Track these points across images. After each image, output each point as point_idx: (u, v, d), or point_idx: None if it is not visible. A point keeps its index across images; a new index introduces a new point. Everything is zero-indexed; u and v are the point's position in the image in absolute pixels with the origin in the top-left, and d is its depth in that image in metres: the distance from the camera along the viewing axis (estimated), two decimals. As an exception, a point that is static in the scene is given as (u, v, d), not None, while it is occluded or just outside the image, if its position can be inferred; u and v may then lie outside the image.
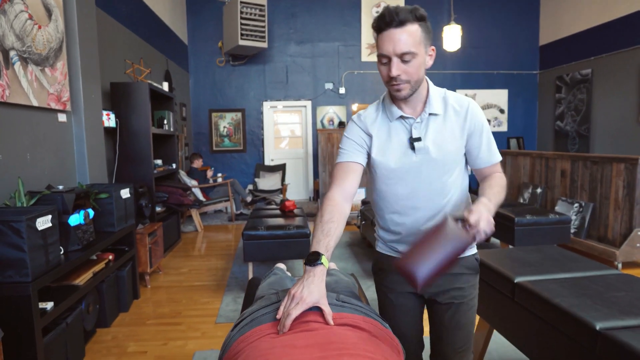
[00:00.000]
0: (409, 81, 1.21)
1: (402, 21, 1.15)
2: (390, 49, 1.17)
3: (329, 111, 7.91)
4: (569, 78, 7.17)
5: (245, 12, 6.65)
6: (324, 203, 1.27)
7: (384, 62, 1.21)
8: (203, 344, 2.58)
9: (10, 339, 1.83)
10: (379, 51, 1.21)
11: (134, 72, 4.55)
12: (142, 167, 4.12)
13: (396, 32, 1.16)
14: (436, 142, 1.28)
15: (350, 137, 1.36)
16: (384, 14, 1.16)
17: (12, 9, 2.40)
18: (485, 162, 1.35)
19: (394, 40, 1.16)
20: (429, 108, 1.29)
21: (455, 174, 1.33)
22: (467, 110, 1.31)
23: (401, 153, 1.30)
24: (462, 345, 1.40)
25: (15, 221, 1.85)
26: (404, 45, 1.16)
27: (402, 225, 1.35)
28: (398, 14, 1.15)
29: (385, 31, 1.17)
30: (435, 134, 1.29)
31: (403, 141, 1.31)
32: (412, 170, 1.30)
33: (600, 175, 4.25)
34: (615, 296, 1.49)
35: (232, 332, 1.04)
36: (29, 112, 2.59)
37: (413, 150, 1.29)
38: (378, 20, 1.19)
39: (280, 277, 1.69)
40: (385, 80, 1.24)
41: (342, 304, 1.08)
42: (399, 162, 1.30)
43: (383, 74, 1.23)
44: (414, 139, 1.29)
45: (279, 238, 3.27)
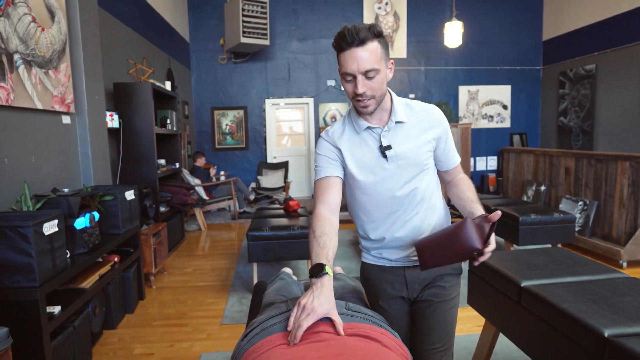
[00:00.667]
0: (374, 96, 1.26)
1: (363, 40, 1.18)
2: (354, 67, 1.21)
3: (332, 108, 7.90)
4: (573, 73, 7.13)
5: (247, 10, 6.63)
6: (313, 221, 1.31)
7: (348, 80, 1.25)
8: (209, 345, 2.59)
9: (19, 343, 1.84)
10: (342, 70, 1.24)
11: (136, 72, 4.54)
12: (145, 167, 4.12)
13: (358, 51, 1.19)
14: (406, 148, 1.35)
15: (322, 153, 1.41)
16: (345, 34, 1.19)
17: (15, 12, 2.40)
18: (451, 164, 1.47)
19: (357, 59, 1.20)
20: (394, 117, 1.34)
21: (428, 177, 1.42)
22: (434, 117, 1.39)
23: (374, 163, 1.36)
24: (440, 344, 1.43)
25: (23, 226, 1.86)
26: (367, 63, 1.20)
27: (384, 231, 1.41)
28: (358, 33, 1.18)
29: (347, 50, 1.21)
30: (404, 140, 1.35)
31: (374, 151, 1.36)
32: (387, 178, 1.36)
33: (605, 173, 4.24)
34: (622, 301, 1.49)
35: (242, 342, 1.04)
36: (34, 115, 2.59)
37: (385, 159, 1.35)
38: (339, 40, 1.21)
39: (287, 282, 1.70)
40: (350, 97, 1.29)
41: (352, 314, 1.08)
42: (374, 171, 1.36)
43: (348, 91, 1.27)
44: (384, 147, 1.34)
45: (283, 239, 3.28)
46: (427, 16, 7.79)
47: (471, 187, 1.45)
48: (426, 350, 1.42)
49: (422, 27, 7.82)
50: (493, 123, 8.16)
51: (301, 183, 8.13)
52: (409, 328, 1.48)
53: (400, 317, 1.46)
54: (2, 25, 2.28)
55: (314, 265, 1.14)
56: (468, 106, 8.06)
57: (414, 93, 7.94)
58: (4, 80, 2.27)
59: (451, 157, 1.46)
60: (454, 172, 1.50)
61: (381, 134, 1.35)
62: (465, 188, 1.44)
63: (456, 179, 1.49)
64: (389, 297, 1.45)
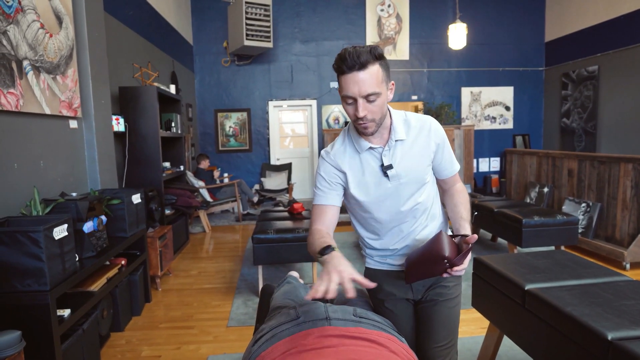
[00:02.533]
0: (375, 119, 1.26)
1: (364, 63, 1.18)
2: (355, 91, 1.21)
3: (334, 110, 7.92)
4: (575, 75, 7.14)
5: (250, 12, 6.66)
6: (310, 236, 1.35)
7: (349, 103, 1.25)
8: (216, 348, 2.62)
9: (30, 346, 1.86)
10: (343, 92, 1.24)
11: (142, 76, 4.58)
12: (151, 171, 4.16)
13: (359, 75, 1.19)
14: (406, 165, 1.36)
15: (325, 177, 1.41)
16: (345, 57, 1.19)
17: (24, 19, 2.43)
18: (448, 173, 1.48)
19: (358, 83, 1.20)
20: (394, 135, 1.35)
21: (427, 189, 1.44)
22: (430, 129, 1.40)
23: (376, 183, 1.37)
24: (445, 341, 1.46)
25: (33, 231, 1.89)
26: (368, 87, 1.20)
27: (386, 242, 1.46)
28: (359, 56, 1.18)
29: (348, 74, 1.21)
30: (404, 158, 1.36)
31: (375, 170, 1.37)
32: (388, 197, 1.38)
33: (608, 175, 4.25)
34: (626, 304, 1.51)
35: (253, 347, 1.07)
36: (42, 120, 2.63)
37: (387, 178, 1.36)
38: (340, 63, 1.21)
39: (294, 286, 1.72)
40: (352, 119, 1.29)
41: (359, 320, 1.11)
42: (376, 192, 1.37)
43: (349, 113, 1.27)
44: (385, 166, 1.35)
45: (288, 241, 3.30)
46: (429, 18, 7.81)
47: (465, 202, 1.47)
48: (433, 348, 1.46)
49: (424, 29, 7.84)
50: (496, 124, 8.17)
51: (304, 185, 8.16)
52: (414, 328, 1.52)
53: (406, 319, 1.50)
54: (12, 32, 2.31)
55: (322, 248, 1.20)
56: (471, 108, 8.08)
57: (416, 95, 7.97)
58: (14, 86, 2.30)
59: (448, 167, 1.47)
60: (451, 181, 1.51)
61: (382, 153, 1.36)
62: (459, 202, 1.46)
63: (453, 189, 1.51)
64: (395, 300, 1.49)
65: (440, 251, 1.23)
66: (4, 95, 2.21)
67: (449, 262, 1.23)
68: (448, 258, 1.22)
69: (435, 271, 1.27)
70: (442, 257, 1.22)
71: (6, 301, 1.89)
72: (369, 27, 7.77)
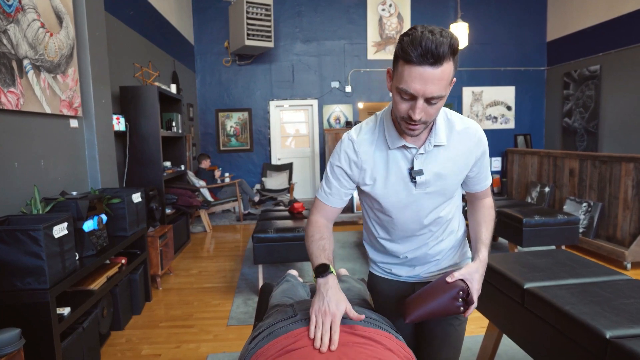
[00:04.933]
0: (427, 122, 1.09)
1: (440, 58, 0.97)
2: (419, 89, 1.00)
3: (336, 110, 7.92)
4: (577, 74, 7.12)
5: (251, 12, 6.67)
6: (309, 227, 1.29)
7: (405, 98, 1.05)
8: (215, 346, 2.62)
9: (30, 344, 1.87)
10: (401, 85, 1.02)
11: (142, 76, 4.59)
12: (152, 170, 4.16)
13: (430, 72, 0.98)
14: (438, 174, 1.20)
15: (338, 175, 1.26)
16: (421, 43, 0.96)
17: (25, 18, 2.44)
18: (481, 187, 1.34)
19: (427, 81, 0.99)
20: (434, 139, 1.18)
21: (452, 203, 1.31)
22: (475, 139, 1.23)
23: (401, 186, 1.21)
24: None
25: (33, 230, 1.89)
26: (436, 89, 1.00)
27: (398, 249, 1.35)
28: (438, 47, 0.96)
29: (417, 66, 0.98)
30: (438, 166, 1.20)
31: (402, 172, 1.20)
32: (410, 204, 1.24)
33: (609, 174, 4.24)
34: (625, 303, 1.51)
35: (250, 344, 1.07)
36: (42, 120, 2.63)
37: (413, 184, 1.20)
38: (410, 48, 0.97)
39: (293, 284, 1.72)
40: (399, 115, 1.09)
41: None
42: (397, 197, 1.23)
43: (400, 109, 1.07)
44: (415, 171, 1.18)
45: (288, 240, 3.30)
46: (431, 17, 7.80)
47: (489, 221, 1.33)
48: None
49: (425, 28, 7.82)
50: (497, 124, 8.15)
51: (306, 184, 8.16)
52: (414, 347, 1.43)
53: (406, 334, 1.41)
54: (12, 32, 2.32)
55: (318, 266, 1.14)
56: (472, 107, 8.07)
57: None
58: (14, 85, 2.31)
59: (482, 180, 1.32)
60: (481, 195, 1.36)
61: (415, 155, 1.19)
62: (483, 220, 1.33)
63: (480, 203, 1.37)
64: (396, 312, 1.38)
65: (454, 289, 1.15)
66: (4, 95, 2.22)
67: (464, 299, 1.16)
68: (464, 298, 1.15)
69: (447, 311, 1.17)
70: (456, 297, 1.15)
71: (6, 299, 1.90)
72: (370, 27, 7.77)
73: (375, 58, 7.85)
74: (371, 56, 7.85)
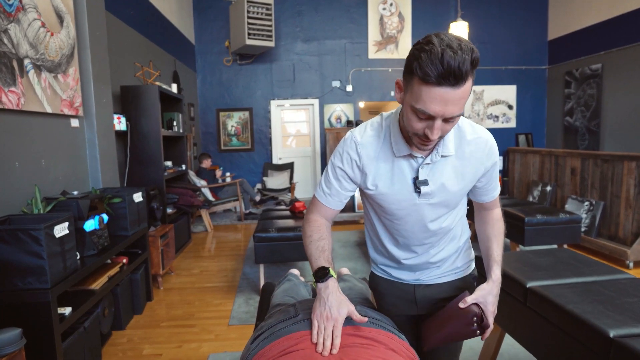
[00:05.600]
0: (442, 137, 1.05)
1: (463, 77, 0.90)
2: (438, 111, 0.94)
3: (336, 109, 7.92)
4: (579, 73, 7.11)
5: (252, 12, 6.66)
6: (307, 225, 1.25)
7: (421, 118, 0.98)
8: (217, 346, 2.62)
9: (31, 344, 1.87)
10: (418, 105, 0.95)
11: (143, 75, 4.58)
12: (153, 170, 4.16)
13: (451, 93, 0.91)
14: (443, 185, 1.15)
15: (339, 176, 1.21)
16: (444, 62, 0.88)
17: (25, 18, 2.43)
18: (489, 197, 1.29)
19: (447, 103, 0.92)
20: (442, 149, 1.12)
21: (455, 212, 1.26)
22: (486, 150, 1.16)
23: (404, 195, 1.17)
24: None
25: (34, 229, 1.89)
26: (455, 108, 0.94)
27: (399, 254, 1.31)
28: (461, 65, 0.88)
29: (436, 87, 0.91)
30: (444, 177, 1.15)
31: (407, 182, 1.15)
32: (413, 213, 1.20)
33: (611, 173, 4.23)
34: (628, 302, 1.50)
35: (252, 345, 1.06)
36: (43, 119, 2.63)
37: (417, 194, 1.15)
38: (431, 68, 0.89)
39: (294, 283, 1.71)
40: (413, 132, 1.02)
41: None
42: (401, 204, 1.18)
43: (415, 127, 1.00)
44: (420, 181, 1.13)
45: (289, 240, 3.29)
46: (431, 16, 7.79)
47: (499, 235, 1.30)
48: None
49: (427, 27, 7.81)
50: (498, 123, 8.14)
51: (307, 184, 8.16)
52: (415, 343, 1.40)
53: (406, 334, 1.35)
54: (13, 31, 2.31)
55: (318, 269, 1.12)
56: (473, 106, 8.05)
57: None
58: (15, 84, 2.30)
59: (490, 191, 1.27)
60: (489, 205, 1.32)
61: (421, 165, 1.13)
62: (493, 235, 1.29)
63: (489, 215, 1.33)
64: (397, 313, 1.38)
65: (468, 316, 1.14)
66: (5, 94, 2.21)
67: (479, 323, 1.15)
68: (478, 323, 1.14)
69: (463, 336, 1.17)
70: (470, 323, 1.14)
71: (7, 299, 1.89)
72: (371, 26, 7.76)
73: (376, 57, 7.84)
74: (372, 55, 7.84)
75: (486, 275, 1.25)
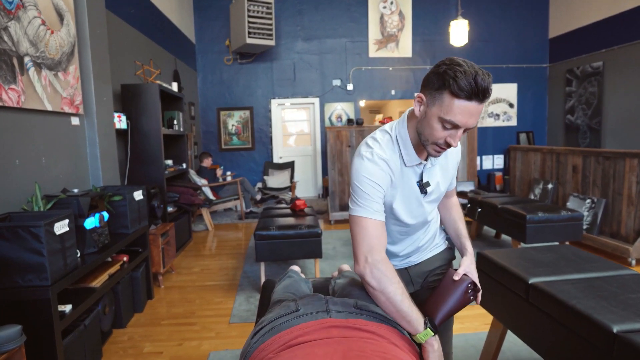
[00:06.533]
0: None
1: (488, 94, 1.08)
2: (465, 122, 1.10)
3: (337, 108, 7.91)
4: (580, 71, 7.09)
5: (252, 10, 6.66)
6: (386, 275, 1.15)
7: (447, 128, 1.13)
8: (218, 344, 2.61)
9: (31, 341, 1.87)
10: (448, 117, 1.10)
11: (143, 74, 4.58)
12: (153, 168, 4.15)
13: (477, 107, 1.09)
14: (439, 182, 1.36)
15: (379, 188, 1.22)
16: (477, 81, 1.05)
17: (25, 15, 2.43)
18: (452, 186, 1.51)
19: (472, 115, 1.10)
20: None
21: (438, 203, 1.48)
22: (458, 150, 1.41)
23: (413, 198, 1.32)
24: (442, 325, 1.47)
25: (34, 226, 1.88)
26: (476, 121, 1.12)
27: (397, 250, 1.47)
28: (489, 86, 1.07)
29: (467, 101, 1.08)
30: (438, 175, 1.36)
31: (414, 186, 1.31)
32: (420, 214, 1.38)
33: (613, 170, 4.21)
34: (631, 298, 1.49)
35: (252, 339, 1.06)
36: (43, 117, 2.63)
37: (424, 195, 1.33)
38: (465, 85, 1.05)
39: (295, 280, 1.71)
40: (434, 141, 1.17)
41: (359, 312, 1.09)
42: (411, 206, 1.34)
43: (439, 136, 1.15)
44: (424, 183, 1.32)
45: (290, 238, 3.29)
46: (432, 15, 7.78)
47: (461, 217, 1.54)
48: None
49: (427, 25, 7.81)
50: (499, 121, 8.13)
51: (307, 183, 8.15)
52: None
53: None
54: (13, 29, 2.31)
55: (421, 322, 1.14)
56: (474, 105, 8.03)
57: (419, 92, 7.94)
58: (15, 82, 2.30)
59: (454, 182, 1.51)
60: (450, 194, 1.56)
61: (423, 169, 1.31)
62: (457, 217, 1.53)
63: (449, 202, 1.56)
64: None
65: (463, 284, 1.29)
66: (5, 92, 2.21)
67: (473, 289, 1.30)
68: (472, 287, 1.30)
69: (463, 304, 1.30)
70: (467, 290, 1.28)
71: (7, 296, 1.89)
72: (371, 25, 7.75)
73: (376, 56, 7.83)
74: (372, 54, 7.83)
75: (462, 251, 1.44)
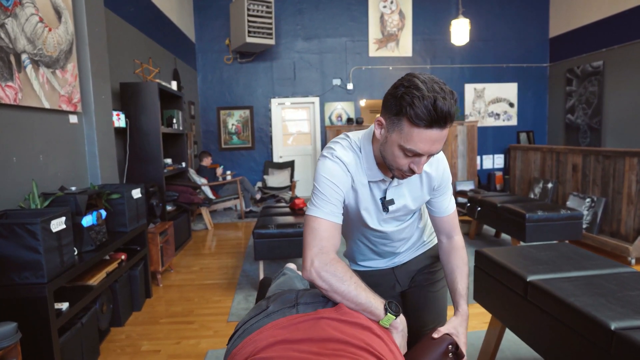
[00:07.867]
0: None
1: (451, 120, 1.00)
2: (427, 150, 1.03)
3: (337, 107, 7.90)
4: (580, 70, 7.08)
5: (252, 9, 6.65)
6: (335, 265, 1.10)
7: (409, 155, 1.06)
8: (216, 342, 2.60)
9: (27, 339, 1.86)
10: (408, 146, 1.03)
11: (142, 72, 4.57)
12: (152, 167, 4.15)
13: (439, 134, 1.01)
14: (406, 202, 1.29)
15: (338, 188, 1.17)
16: (436, 108, 0.96)
17: (22, 13, 2.42)
18: (446, 211, 1.37)
19: (434, 142, 1.02)
20: None
21: (417, 213, 1.42)
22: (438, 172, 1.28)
23: (376, 213, 1.29)
24: (431, 325, 1.46)
25: (31, 223, 1.87)
26: (440, 146, 1.05)
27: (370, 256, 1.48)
28: (450, 110, 0.97)
29: (427, 129, 1.00)
30: (406, 194, 1.28)
31: (376, 201, 1.27)
32: (382, 224, 1.34)
33: (613, 169, 4.20)
34: (630, 295, 1.48)
35: (228, 345, 1.06)
36: (41, 115, 2.62)
37: (385, 212, 1.28)
38: (424, 113, 0.97)
39: (289, 277, 1.70)
40: (397, 167, 1.10)
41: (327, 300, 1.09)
42: (376, 220, 1.31)
43: (402, 163, 1.08)
44: (387, 201, 1.25)
45: (289, 236, 3.28)
46: (432, 14, 7.77)
47: (463, 266, 1.34)
48: (419, 331, 1.45)
49: (427, 25, 7.80)
50: (500, 121, 8.11)
51: (307, 182, 8.14)
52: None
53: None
54: (10, 26, 2.30)
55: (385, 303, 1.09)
56: (474, 104, 8.03)
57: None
58: (12, 79, 2.29)
59: (448, 205, 1.36)
60: (447, 225, 1.38)
61: (388, 187, 1.25)
62: (457, 265, 1.33)
63: (451, 243, 1.38)
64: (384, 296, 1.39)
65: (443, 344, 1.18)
66: (2, 89, 2.20)
67: (454, 352, 1.19)
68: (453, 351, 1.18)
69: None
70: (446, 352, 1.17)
71: (3, 294, 1.88)
72: (371, 24, 7.74)
73: (376, 55, 7.82)
74: (373, 53, 7.82)
75: (455, 308, 1.29)
